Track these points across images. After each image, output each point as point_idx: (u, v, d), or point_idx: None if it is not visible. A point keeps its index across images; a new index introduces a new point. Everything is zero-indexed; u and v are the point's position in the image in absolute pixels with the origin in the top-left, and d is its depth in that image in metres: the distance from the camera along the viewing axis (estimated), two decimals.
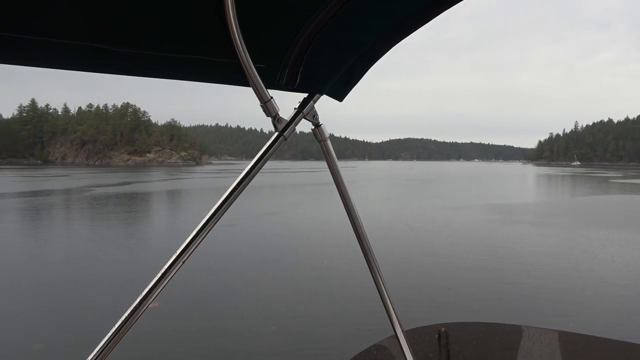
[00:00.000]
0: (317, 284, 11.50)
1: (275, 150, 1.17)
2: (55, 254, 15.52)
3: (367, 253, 1.29)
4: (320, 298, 10.35)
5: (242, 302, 10.04)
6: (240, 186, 1.13)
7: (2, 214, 27.21)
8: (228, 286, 11.26)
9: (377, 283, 1.30)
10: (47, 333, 8.20)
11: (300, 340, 7.95)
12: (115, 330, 1.04)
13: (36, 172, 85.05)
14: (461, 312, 9.19)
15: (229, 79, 1.17)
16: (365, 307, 9.09)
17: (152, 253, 15.41)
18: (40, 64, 1.02)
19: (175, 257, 1.08)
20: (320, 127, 1.23)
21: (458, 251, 15.22)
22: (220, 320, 8.85)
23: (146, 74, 1.11)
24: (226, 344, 7.80)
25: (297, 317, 9.01)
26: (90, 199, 34.98)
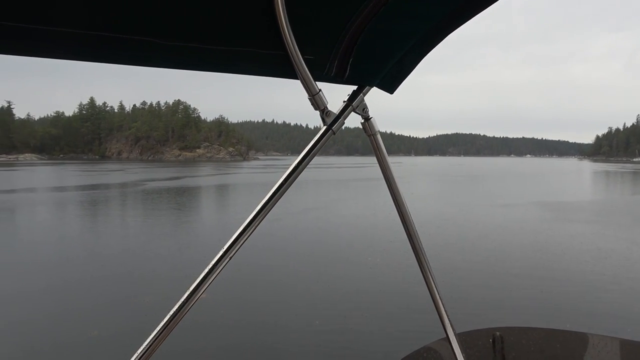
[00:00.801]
0: (361, 281, 11.45)
1: (323, 144, 1.15)
2: (111, 244, 16.29)
3: (417, 252, 1.26)
4: (365, 296, 10.29)
5: (285, 297, 10.15)
6: (288, 181, 1.12)
7: (64, 206, 28.89)
8: (270, 281, 11.41)
9: (427, 283, 1.26)
10: (103, 320, 8.63)
11: (343, 339, 7.92)
12: (164, 323, 1.05)
13: (94, 167, 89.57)
14: (513, 316, 8.81)
15: (276, 71, 1.13)
16: (412, 306, 8.97)
17: (200, 246, 15.88)
18: (90, 58, 1.00)
19: (223, 252, 1.07)
20: (370, 121, 1.19)
21: (508, 251, 14.73)
22: (264, 315, 8.97)
23: (193, 67, 1.08)
24: (269, 340, 7.90)
25: (340, 316, 8.91)
26: (143, 193, 36.49)
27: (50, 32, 0.85)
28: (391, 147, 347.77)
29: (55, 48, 0.94)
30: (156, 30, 0.90)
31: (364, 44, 1.06)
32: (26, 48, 0.90)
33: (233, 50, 1.01)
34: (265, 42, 0.99)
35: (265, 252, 13.64)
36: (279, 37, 0.94)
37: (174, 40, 0.93)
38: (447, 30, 1.07)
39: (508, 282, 11.25)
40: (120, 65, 0.99)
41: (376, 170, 1.18)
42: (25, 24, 0.81)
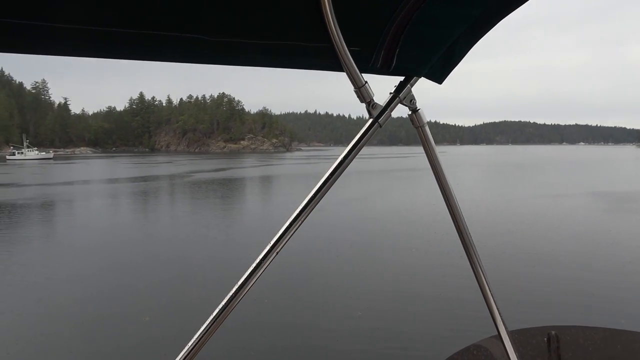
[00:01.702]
0: (405, 273, 11.38)
1: (369, 137, 1.13)
2: (160, 233, 16.95)
3: (467, 246, 1.22)
4: (409, 288, 10.22)
5: (328, 291, 10.24)
6: (334, 175, 1.11)
7: (117, 196, 30.25)
8: (314, 275, 11.51)
9: (478, 277, 1.23)
10: (154, 306, 9.02)
11: (389, 336, 7.89)
12: (211, 320, 1.06)
13: (144, 159, 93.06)
14: (567, 314, 8.39)
15: (322, 64, 1.12)
16: (460, 301, 8.82)
17: (245, 234, 16.25)
18: (141, 57, 1.01)
19: (271, 246, 1.07)
20: (418, 112, 1.16)
21: (560, 244, 14.19)
22: (309, 311, 9.07)
23: (240, 63, 1.08)
24: (315, 337, 7.98)
25: (385, 310, 8.88)
26: (190, 184, 37.64)
27: (101, 33, 0.86)
28: (436, 137, 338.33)
29: (109, 48, 0.94)
30: (204, 27, 0.91)
31: (411, 32, 1.03)
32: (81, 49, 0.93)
33: (278, 44, 1.01)
34: (311, 35, 0.98)
35: (308, 244, 13.72)
36: (324, 30, 0.93)
37: (221, 36, 0.94)
38: (499, 16, 1.03)
39: (559, 278, 10.84)
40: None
41: (419, 160, 1.18)
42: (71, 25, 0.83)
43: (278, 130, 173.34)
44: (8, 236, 16.52)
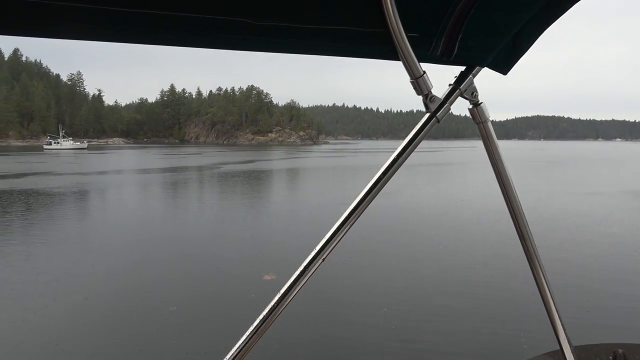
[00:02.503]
0: (456, 274, 11.21)
1: (426, 134, 1.06)
2: (188, 224, 17.22)
3: (529, 252, 1.12)
4: (463, 293, 10.06)
5: (350, 289, 10.18)
6: (388, 173, 1.05)
7: (148, 187, 30.90)
8: (353, 275, 11.48)
9: (540, 287, 1.14)
10: (180, 297, 9.17)
11: (437, 346, 7.80)
12: (257, 324, 1.03)
13: (174, 150, 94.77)
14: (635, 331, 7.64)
15: (376, 51, 1.03)
16: (519, 310, 8.58)
17: (271, 226, 16.37)
18: (182, 43, 0.94)
19: (323, 244, 1.03)
20: (480, 107, 1.07)
21: (602, 245, 13.72)
22: (347, 310, 9.05)
23: (287, 50, 1.01)
24: (361, 338, 7.98)
25: (435, 316, 8.54)
26: (219, 175, 38.13)
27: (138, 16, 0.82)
28: (464, 132, 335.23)
29: (147, 33, 0.89)
30: (248, 10, 0.85)
31: (476, 17, 0.95)
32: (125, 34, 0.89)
33: (329, 29, 0.93)
34: (365, 19, 0.91)
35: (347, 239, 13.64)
36: (380, 14, 0.87)
37: (268, 20, 0.88)
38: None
39: (606, 286, 10.48)
40: (198, 52, 0.99)
41: (446, 155, 1.11)
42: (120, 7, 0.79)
43: (305, 123, 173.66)
44: (41, 223, 17.10)
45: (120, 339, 7.30)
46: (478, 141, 1.04)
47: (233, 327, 7.67)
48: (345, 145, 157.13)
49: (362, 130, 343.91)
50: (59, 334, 7.47)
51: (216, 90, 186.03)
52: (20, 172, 40.20)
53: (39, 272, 10.77)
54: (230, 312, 8.33)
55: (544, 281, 1.14)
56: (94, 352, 6.86)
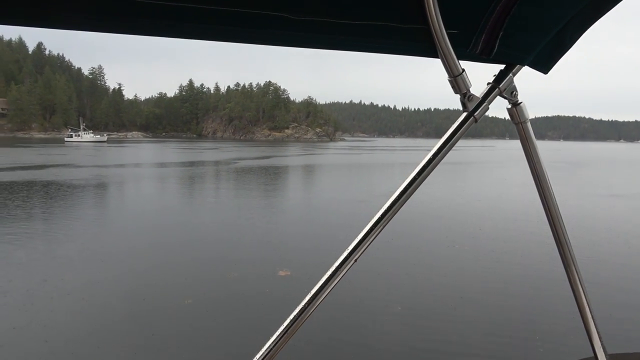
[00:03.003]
0: (484, 275, 11.10)
1: (463, 133, 1.01)
2: (204, 219, 17.36)
3: (566, 257, 1.09)
4: (491, 296, 9.98)
5: (367, 287, 10.15)
6: (423, 174, 1.02)
7: (164, 180, 31.25)
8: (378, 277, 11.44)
9: (576, 292, 1.10)
10: (196, 289, 9.25)
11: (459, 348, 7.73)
12: (287, 324, 1.02)
13: (192, 145, 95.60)
14: None
15: (414, 48, 1.00)
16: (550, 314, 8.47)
17: (286, 221, 16.41)
18: (214, 37, 0.92)
19: (350, 251, 1.01)
20: (519, 106, 1.03)
21: (631, 249, 13.44)
22: (371, 314, 9.04)
23: (322, 45, 0.98)
24: (350, 334, 7.96)
25: (459, 320, 8.42)
26: (235, 171, 38.36)
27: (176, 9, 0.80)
28: (483, 131, 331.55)
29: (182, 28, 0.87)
30: (285, 5, 0.83)
31: (518, 13, 0.92)
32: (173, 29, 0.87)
33: (367, 25, 0.91)
34: (405, 15, 0.89)
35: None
36: (420, 9, 0.85)
37: (305, 14, 0.86)
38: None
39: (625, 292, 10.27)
40: (217, 48, 0.92)
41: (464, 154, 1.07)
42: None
43: (322, 119, 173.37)
44: (61, 214, 17.41)
45: (131, 332, 7.39)
46: (496, 140, 1.02)
47: (243, 322, 7.72)
48: (361, 143, 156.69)
49: (378, 128, 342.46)
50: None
51: (234, 86, 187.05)
52: (41, 163, 40.99)
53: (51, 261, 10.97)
54: (242, 308, 8.38)
55: (580, 286, 1.10)
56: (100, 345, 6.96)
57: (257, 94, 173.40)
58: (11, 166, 36.89)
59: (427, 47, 0.93)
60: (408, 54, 1.02)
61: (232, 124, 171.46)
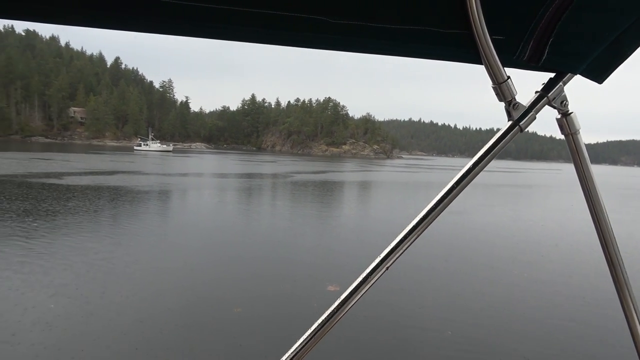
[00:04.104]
0: (524, 296, 10.65)
1: (507, 143, 0.97)
2: (258, 229, 17.69)
3: (619, 281, 1.04)
4: (533, 315, 9.55)
5: (420, 307, 9.91)
6: (462, 183, 0.98)
7: (224, 191, 32.24)
8: (405, 287, 11.24)
9: (630, 320, 1.05)
10: (246, 298, 9.41)
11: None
12: (316, 327, 1.02)
13: (251, 157, 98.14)
14: None
15: (456, 54, 0.97)
16: (599, 335, 8.06)
17: (337, 237, 16.38)
18: (257, 39, 0.91)
19: (382, 258, 0.99)
20: (570, 117, 0.98)
21: None
22: (414, 327, 8.87)
23: (363, 49, 0.96)
24: (402, 352, 7.80)
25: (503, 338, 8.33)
26: (291, 184, 38.93)
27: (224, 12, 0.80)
28: (549, 153, 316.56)
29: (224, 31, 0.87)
30: (325, 8, 0.82)
31: (571, 18, 0.87)
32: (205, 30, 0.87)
33: (408, 29, 0.89)
34: (447, 20, 0.86)
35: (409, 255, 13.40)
36: (463, 14, 0.82)
37: (344, 18, 0.84)
38: None
39: None
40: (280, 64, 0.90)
41: (530, 177, 1.02)
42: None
43: (380, 136, 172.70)
44: (126, 219, 18.38)
45: (178, 336, 7.63)
46: (564, 164, 0.97)
47: (287, 334, 7.73)
48: (419, 161, 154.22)
49: (437, 147, 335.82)
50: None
51: (294, 101, 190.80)
52: (111, 169, 43.65)
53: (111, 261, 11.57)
54: (288, 320, 8.43)
55: (634, 313, 1.04)
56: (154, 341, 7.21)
57: (316, 110, 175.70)
58: (85, 171, 39.53)
59: (471, 54, 0.91)
60: (450, 59, 1.00)
61: (290, 138, 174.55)
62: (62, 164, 47.21)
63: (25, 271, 10.40)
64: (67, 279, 10.10)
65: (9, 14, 0.77)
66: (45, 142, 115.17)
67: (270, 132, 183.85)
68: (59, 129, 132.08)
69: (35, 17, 0.80)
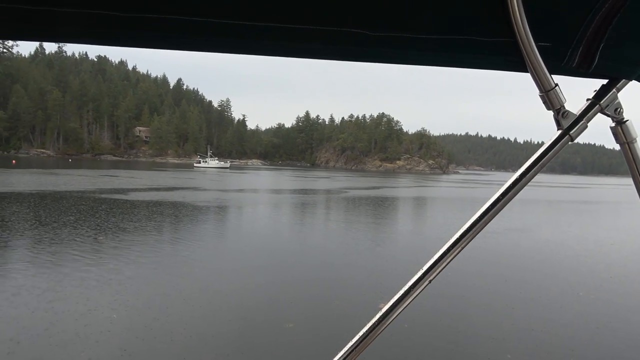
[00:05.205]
0: (575, 322, 10.02)
1: (557, 153, 0.94)
2: (312, 244, 17.77)
3: None
4: (582, 342, 8.97)
5: (474, 327, 9.53)
6: (508, 195, 0.94)
7: (278, 206, 32.74)
8: (459, 307, 10.85)
9: None
10: (298, 314, 9.43)
11: None
12: (357, 340, 1.01)
13: (305, 173, 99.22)
14: None
15: (501, 63, 0.95)
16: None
17: (390, 253, 16.12)
18: (294, 54, 0.92)
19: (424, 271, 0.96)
20: (625, 124, 0.94)
21: None
22: (449, 345, 8.57)
23: (405, 60, 0.95)
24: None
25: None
26: (345, 200, 38.91)
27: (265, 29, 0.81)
28: (619, 168, 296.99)
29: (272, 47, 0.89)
30: (365, 21, 0.82)
31: (622, 22, 0.83)
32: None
33: (449, 39, 0.87)
34: (489, 28, 0.84)
35: (460, 272, 13.00)
36: (507, 20, 0.80)
37: (384, 30, 0.84)
38: None
39: None
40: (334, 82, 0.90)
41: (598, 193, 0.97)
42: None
43: (435, 151, 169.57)
44: (183, 233, 19.06)
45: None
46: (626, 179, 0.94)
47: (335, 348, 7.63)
48: (476, 176, 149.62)
49: (496, 161, 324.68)
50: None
51: (348, 117, 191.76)
52: (173, 185, 45.59)
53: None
54: (337, 336, 8.34)
55: None
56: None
57: (370, 125, 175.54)
58: (148, 187, 41.55)
59: (516, 61, 0.88)
60: (494, 68, 0.98)
61: (344, 154, 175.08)
62: (127, 180, 49.92)
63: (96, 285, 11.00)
64: (124, 294, 10.57)
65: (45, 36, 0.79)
66: (113, 160, 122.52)
67: (324, 148, 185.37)
68: (125, 148, 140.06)
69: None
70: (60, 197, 29.44)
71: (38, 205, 25.55)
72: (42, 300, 9.57)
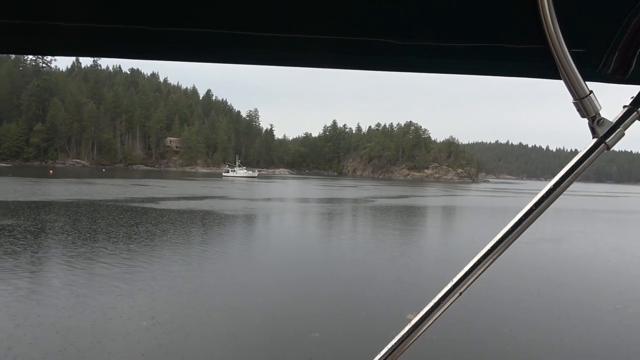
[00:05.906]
0: (610, 336, 9.69)
1: (592, 162, 0.91)
2: (338, 254, 17.73)
3: None
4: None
5: (504, 341, 9.31)
6: (542, 205, 0.92)
7: (305, 215, 32.84)
8: (489, 320, 10.63)
9: None
10: (324, 324, 9.42)
11: None
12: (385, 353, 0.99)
13: (332, 182, 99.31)
14: None
15: (533, 70, 0.94)
16: None
17: (418, 263, 15.94)
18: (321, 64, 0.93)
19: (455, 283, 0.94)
20: None
21: None
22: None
23: (435, 70, 0.94)
24: None
25: None
26: (372, 209, 38.72)
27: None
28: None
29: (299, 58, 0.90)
30: (392, 31, 0.81)
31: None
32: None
33: (480, 47, 0.86)
34: (521, 35, 0.83)
35: (489, 283, 12.75)
36: (538, 26, 0.78)
37: (411, 39, 0.84)
38: None
39: None
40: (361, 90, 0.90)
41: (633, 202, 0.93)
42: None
43: (464, 159, 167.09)
44: (212, 240, 19.33)
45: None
46: None
47: None
48: (507, 185, 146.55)
49: (527, 170, 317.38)
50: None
51: (375, 126, 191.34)
52: (202, 194, 46.36)
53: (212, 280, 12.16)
54: (361, 347, 8.29)
55: None
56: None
57: (397, 134, 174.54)
58: (178, 196, 42.37)
59: (548, 69, 0.87)
60: (526, 76, 0.97)
61: (371, 162, 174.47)
62: (159, 189, 51.05)
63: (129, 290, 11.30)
64: (161, 295, 10.79)
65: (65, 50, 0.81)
66: (144, 170, 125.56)
67: (351, 157, 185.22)
68: (156, 158, 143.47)
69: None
70: (97, 206, 30.36)
71: (75, 213, 26.42)
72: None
